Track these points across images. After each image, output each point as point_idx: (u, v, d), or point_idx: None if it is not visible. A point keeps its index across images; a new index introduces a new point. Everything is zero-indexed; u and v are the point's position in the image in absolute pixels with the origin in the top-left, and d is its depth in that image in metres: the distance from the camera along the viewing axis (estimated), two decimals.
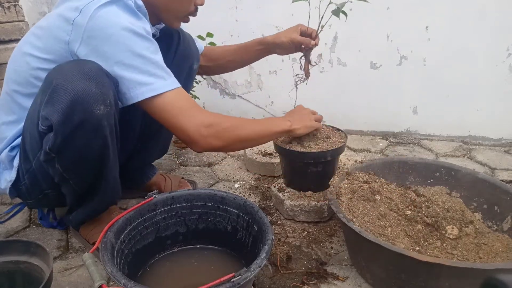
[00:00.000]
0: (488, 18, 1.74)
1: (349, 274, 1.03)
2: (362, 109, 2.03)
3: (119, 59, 0.89)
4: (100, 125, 0.88)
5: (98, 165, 0.95)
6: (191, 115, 0.95)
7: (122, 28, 0.88)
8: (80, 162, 0.93)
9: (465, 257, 0.94)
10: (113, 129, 0.93)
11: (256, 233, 0.91)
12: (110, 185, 1.02)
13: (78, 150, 0.90)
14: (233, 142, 1.02)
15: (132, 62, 0.89)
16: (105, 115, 0.88)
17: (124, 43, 0.88)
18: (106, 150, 0.93)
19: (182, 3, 1.05)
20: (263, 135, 1.09)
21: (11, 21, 1.81)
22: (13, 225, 1.24)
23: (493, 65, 1.82)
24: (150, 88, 0.91)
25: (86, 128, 0.87)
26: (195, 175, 1.59)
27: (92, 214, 1.09)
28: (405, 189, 1.16)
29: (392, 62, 1.91)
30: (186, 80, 1.28)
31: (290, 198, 1.26)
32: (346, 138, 1.29)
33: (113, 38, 0.88)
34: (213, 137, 0.97)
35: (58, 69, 0.88)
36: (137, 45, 0.90)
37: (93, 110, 0.86)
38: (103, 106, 0.87)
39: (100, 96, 0.86)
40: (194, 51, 1.28)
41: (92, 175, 0.97)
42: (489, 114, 1.90)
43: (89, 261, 0.74)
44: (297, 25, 1.26)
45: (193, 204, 1.01)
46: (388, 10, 1.82)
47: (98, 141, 0.90)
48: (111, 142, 0.94)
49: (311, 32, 1.24)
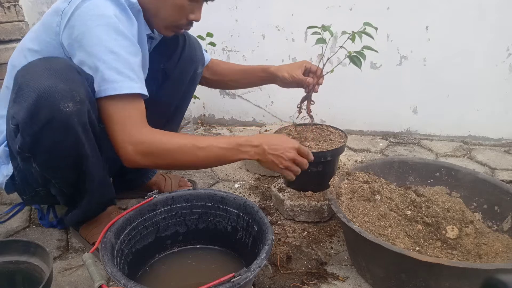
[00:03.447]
0: (488, 18, 1.74)
1: (349, 274, 1.03)
2: (362, 109, 2.03)
3: (94, 52, 0.87)
4: (69, 122, 0.84)
5: (76, 165, 0.92)
6: (128, 128, 0.90)
7: (105, 22, 0.87)
8: (55, 162, 0.91)
9: (465, 257, 0.94)
10: (87, 126, 0.89)
11: (256, 233, 0.91)
12: (97, 184, 1.00)
13: (50, 149, 0.87)
14: (167, 165, 0.98)
15: (104, 56, 0.87)
16: (75, 112, 0.84)
17: (101, 37, 0.87)
18: (81, 149, 0.90)
19: (169, 12, 1.01)
20: (210, 162, 0.98)
21: (11, 21, 1.80)
22: (13, 225, 1.24)
23: (493, 65, 1.82)
24: (113, 86, 0.88)
25: (54, 126, 0.84)
26: (195, 175, 1.59)
27: (87, 215, 1.08)
28: (405, 189, 1.16)
29: (392, 62, 1.91)
30: (189, 84, 1.28)
31: (290, 198, 1.26)
32: (346, 138, 1.29)
33: (92, 31, 0.87)
34: (141, 155, 0.90)
35: (26, 67, 0.87)
36: (114, 41, 0.88)
37: (60, 108, 0.82)
38: (72, 103, 0.83)
39: (68, 93, 0.83)
40: (199, 55, 1.27)
41: (73, 175, 0.95)
42: (489, 114, 1.90)
43: (89, 261, 0.74)
44: (303, 61, 1.24)
45: (193, 204, 1.01)
46: (388, 10, 1.82)
47: (70, 139, 0.87)
48: (87, 140, 0.90)
49: (315, 70, 1.21)
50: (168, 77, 1.23)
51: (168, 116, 1.32)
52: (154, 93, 1.24)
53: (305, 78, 1.20)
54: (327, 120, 2.05)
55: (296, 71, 1.21)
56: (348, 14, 1.83)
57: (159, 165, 0.98)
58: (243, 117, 2.20)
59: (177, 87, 1.26)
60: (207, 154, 0.93)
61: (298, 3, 1.87)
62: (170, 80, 1.23)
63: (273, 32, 1.97)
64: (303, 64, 1.22)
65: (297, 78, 1.20)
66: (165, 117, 1.31)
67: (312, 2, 1.84)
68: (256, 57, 2.00)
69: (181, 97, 1.30)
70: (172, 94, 1.27)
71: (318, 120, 2.06)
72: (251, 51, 2.03)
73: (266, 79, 1.32)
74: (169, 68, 1.22)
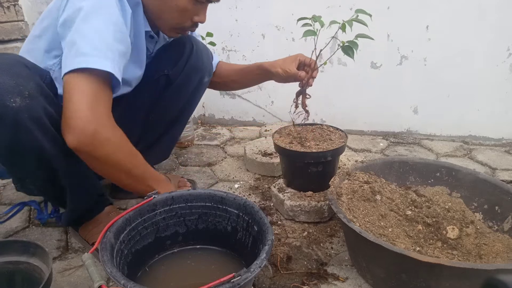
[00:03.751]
0: (488, 18, 1.74)
1: (349, 275, 1.03)
2: (363, 109, 2.03)
3: (78, 28, 0.86)
4: (18, 118, 0.81)
5: (40, 161, 0.90)
6: (91, 101, 0.84)
7: (97, 6, 0.87)
8: (15, 159, 0.89)
9: (466, 258, 0.94)
10: (42, 121, 0.86)
11: (256, 233, 0.91)
12: (74, 180, 0.98)
13: (5, 146, 0.85)
14: (102, 156, 0.88)
15: (87, 33, 0.85)
16: (24, 107, 0.81)
17: (89, 19, 0.86)
18: (40, 145, 0.87)
19: (173, 15, 1.01)
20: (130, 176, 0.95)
21: (11, 21, 1.80)
22: (12, 225, 1.24)
23: (493, 65, 1.82)
24: (85, 59, 0.83)
25: (2, 123, 0.81)
26: (195, 175, 1.59)
27: (78, 213, 1.07)
28: (406, 189, 1.16)
29: (393, 62, 1.91)
30: (194, 92, 1.26)
31: (290, 198, 1.26)
32: (346, 138, 1.28)
33: (81, 13, 0.86)
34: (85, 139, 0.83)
35: None
36: (101, 23, 0.87)
37: (6, 103, 0.80)
38: (20, 98, 0.81)
39: (14, 88, 0.80)
40: (206, 64, 1.25)
41: (42, 172, 0.93)
42: (489, 114, 1.90)
43: (88, 262, 0.73)
44: (297, 55, 1.21)
45: (193, 204, 1.01)
46: (388, 9, 1.82)
47: (22, 136, 0.83)
48: (45, 136, 0.87)
49: (310, 63, 1.18)
50: (171, 84, 1.22)
51: (168, 122, 1.31)
52: (156, 98, 1.24)
53: (298, 72, 1.17)
54: (327, 120, 2.05)
55: (290, 65, 1.18)
56: (348, 14, 1.80)
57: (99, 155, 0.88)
58: (243, 117, 2.20)
59: (180, 94, 1.25)
60: (134, 166, 0.94)
61: (298, 3, 1.87)
62: (173, 87, 1.23)
63: (273, 31, 1.97)
64: (297, 58, 1.20)
65: (291, 72, 1.17)
66: (165, 122, 1.31)
67: (312, 2, 1.84)
68: (256, 56, 2.00)
69: (184, 104, 1.29)
70: (175, 100, 1.26)
71: (318, 120, 2.06)
72: (251, 50, 2.03)
73: (262, 76, 1.30)
74: (173, 74, 1.21)
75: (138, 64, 1.10)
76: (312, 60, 1.18)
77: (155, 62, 1.20)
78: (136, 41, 1.04)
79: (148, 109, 1.25)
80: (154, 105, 1.25)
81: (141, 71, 1.13)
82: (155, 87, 1.22)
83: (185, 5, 0.98)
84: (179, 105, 1.28)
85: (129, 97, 1.16)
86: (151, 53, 1.17)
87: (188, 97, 1.27)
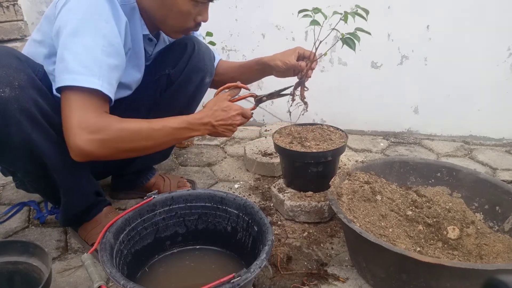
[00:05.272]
0: (488, 18, 1.74)
1: (349, 275, 1.02)
2: (363, 108, 2.03)
3: (67, 43, 0.86)
4: (7, 108, 0.81)
5: (28, 155, 0.90)
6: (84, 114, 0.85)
7: (87, 18, 0.87)
8: (3, 151, 0.88)
9: (466, 258, 0.94)
10: (33, 113, 0.86)
11: (256, 233, 0.91)
12: (66, 176, 0.97)
13: None
14: (121, 152, 0.91)
15: (75, 48, 0.85)
16: (13, 97, 0.82)
17: (78, 31, 0.86)
18: (29, 137, 0.87)
19: (178, 20, 1.01)
20: (164, 142, 0.97)
21: (10, 21, 1.80)
22: (12, 226, 1.24)
23: (494, 65, 1.81)
24: (73, 77, 0.84)
25: None
26: (194, 176, 1.59)
27: (73, 212, 1.07)
28: (406, 190, 1.15)
29: (393, 62, 1.91)
30: (195, 92, 1.26)
31: (290, 198, 1.25)
32: (346, 138, 1.28)
33: (72, 24, 0.86)
34: (98, 144, 0.85)
35: None
36: (90, 37, 0.86)
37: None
38: (9, 88, 0.81)
39: (4, 79, 0.81)
40: (208, 65, 1.25)
41: (33, 167, 0.93)
42: (490, 114, 1.90)
43: (88, 262, 0.73)
44: (296, 47, 1.22)
45: (192, 204, 1.01)
46: (389, 9, 1.82)
47: (11, 127, 0.84)
48: (34, 128, 0.87)
49: (309, 55, 1.19)
50: (172, 84, 1.22)
51: None
52: (157, 98, 1.24)
53: (297, 63, 1.18)
54: (328, 120, 2.05)
55: (289, 57, 1.19)
56: None
57: (116, 153, 0.91)
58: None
59: (181, 94, 1.25)
60: (162, 134, 0.95)
61: (298, 3, 1.86)
62: (174, 87, 1.22)
63: (273, 31, 1.97)
64: (296, 50, 1.21)
65: (290, 64, 1.18)
66: None
67: (312, 2, 1.83)
68: (256, 56, 1.98)
69: (185, 104, 1.29)
70: (175, 101, 1.26)
71: (319, 120, 2.06)
72: (251, 50, 2.03)
73: (261, 71, 1.30)
74: (174, 74, 1.21)
75: (137, 68, 1.11)
76: (312, 52, 1.19)
77: (156, 62, 1.20)
78: (134, 46, 1.04)
79: (149, 109, 1.25)
80: (155, 104, 1.24)
81: (140, 74, 1.13)
82: (156, 86, 1.22)
83: (188, 9, 0.99)
84: (180, 105, 1.28)
85: (130, 96, 1.16)
86: (150, 56, 1.17)
87: (189, 97, 1.27)
